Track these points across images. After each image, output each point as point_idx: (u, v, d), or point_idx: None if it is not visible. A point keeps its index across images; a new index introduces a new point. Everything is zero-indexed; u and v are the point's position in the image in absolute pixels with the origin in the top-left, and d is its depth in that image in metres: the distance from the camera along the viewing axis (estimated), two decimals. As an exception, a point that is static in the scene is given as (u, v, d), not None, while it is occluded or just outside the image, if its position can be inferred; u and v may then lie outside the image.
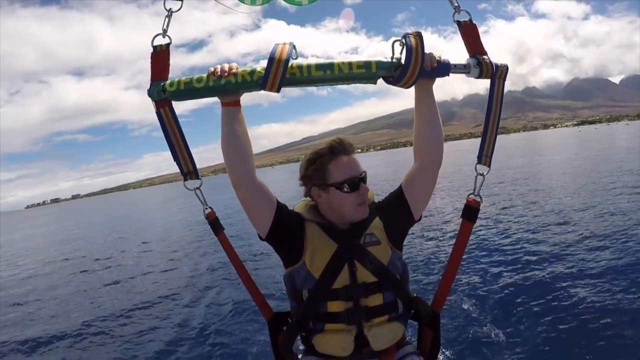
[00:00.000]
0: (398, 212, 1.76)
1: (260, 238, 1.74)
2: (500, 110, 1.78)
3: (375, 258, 1.67)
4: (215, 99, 1.61)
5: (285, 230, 1.71)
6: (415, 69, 1.50)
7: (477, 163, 1.81)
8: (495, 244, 9.31)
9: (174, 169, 1.73)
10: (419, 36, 1.51)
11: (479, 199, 1.83)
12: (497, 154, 1.87)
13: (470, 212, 1.84)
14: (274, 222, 1.68)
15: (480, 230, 10.53)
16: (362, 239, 1.70)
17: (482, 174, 1.80)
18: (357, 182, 1.65)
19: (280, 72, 1.47)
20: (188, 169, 1.72)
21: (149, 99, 1.64)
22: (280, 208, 1.71)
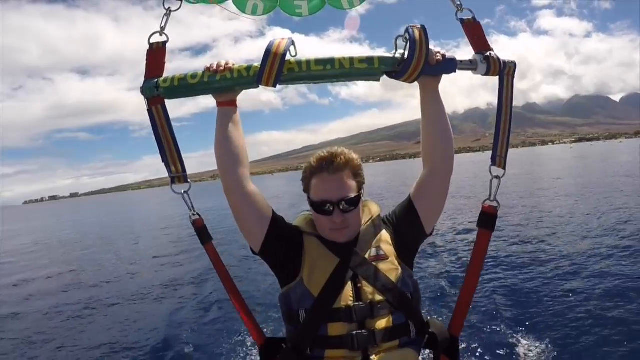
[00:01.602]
0: (407, 225, 1.62)
1: (253, 252, 1.60)
2: (511, 108, 1.69)
3: (382, 274, 1.50)
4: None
5: (280, 243, 1.57)
6: (420, 61, 1.43)
7: (492, 165, 1.67)
8: (518, 254, 8.77)
9: None
10: (423, 29, 1.44)
11: (495, 204, 1.67)
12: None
13: (488, 219, 1.67)
14: (269, 233, 1.55)
15: (499, 241, 9.94)
16: (368, 253, 1.53)
17: (497, 177, 1.65)
18: (327, 209, 1.50)
19: (277, 66, 1.41)
20: (177, 172, 1.63)
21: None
22: (277, 219, 1.59)
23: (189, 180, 1.66)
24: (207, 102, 1.58)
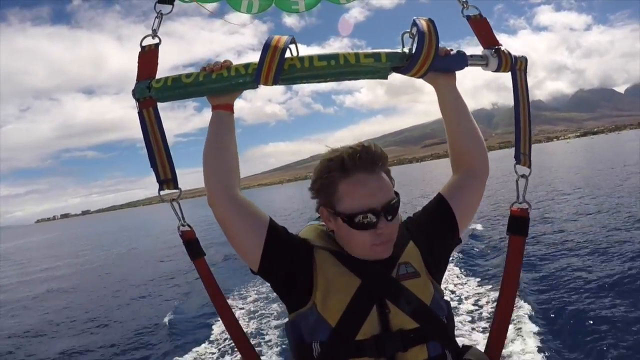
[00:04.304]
0: (439, 228, 1.40)
1: (253, 272, 1.33)
2: (528, 103, 1.58)
3: (414, 296, 1.25)
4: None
5: (283, 260, 1.29)
6: (429, 52, 1.33)
7: (516, 164, 1.53)
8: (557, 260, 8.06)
9: (184, 187, 1.53)
10: (430, 20, 1.36)
11: (526, 206, 1.51)
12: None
13: (519, 223, 1.50)
14: (267, 247, 1.27)
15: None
16: (395, 271, 1.28)
17: (524, 176, 1.52)
18: (371, 220, 1.20)
19: (276, 62, 1.29)
20: (165, 177, 1.46)
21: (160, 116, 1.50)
22: (275, 228, 1.32)
23: (179, 187, 1.48)
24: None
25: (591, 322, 5.17)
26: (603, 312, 5.36)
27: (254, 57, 1.36)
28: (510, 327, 4.27)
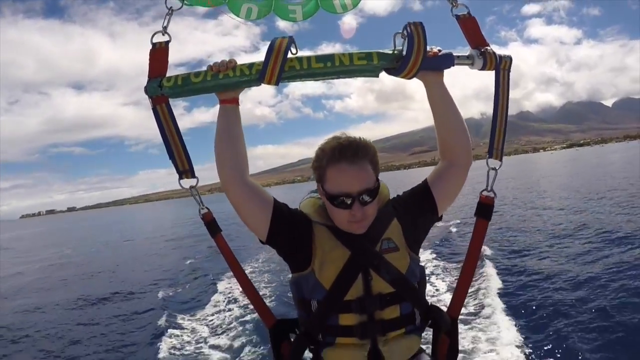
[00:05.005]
0: (421, 209, 1.65)
1: (262, 242, 1.62)
2: (507, 102, 1.73)
3: (392, 267, 1.53)
4: (214, 118, 1.59)
5: (287, 232, 1.58)
6: (418, 56, 1.48)
7: (489, 157, 1.72)
8: (512, 242, 9.68)
9: (170, 186, 1.68)
10: (420, 25, 1.50)
11: (492, 195, 1.73)
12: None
13: (485, 209, 1.74)
14: (273, 222, 1.55)
15: (497, 229, 11.25)
16: (379, 245, 1.55)
17: (494, 168, 1.71)
18: (346, 202, 1.47)
19: (279, 63, 1.45)
20: (184, 167, 1.65)
21: (148, 115, 1.62)
22: (279, 207, 1.59)
23: (196, 175, 1.67)
24: (203, 117, 1.45)
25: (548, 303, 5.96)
26: (560, 295, 6.17)
27: (247, 59, 1.50)
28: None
